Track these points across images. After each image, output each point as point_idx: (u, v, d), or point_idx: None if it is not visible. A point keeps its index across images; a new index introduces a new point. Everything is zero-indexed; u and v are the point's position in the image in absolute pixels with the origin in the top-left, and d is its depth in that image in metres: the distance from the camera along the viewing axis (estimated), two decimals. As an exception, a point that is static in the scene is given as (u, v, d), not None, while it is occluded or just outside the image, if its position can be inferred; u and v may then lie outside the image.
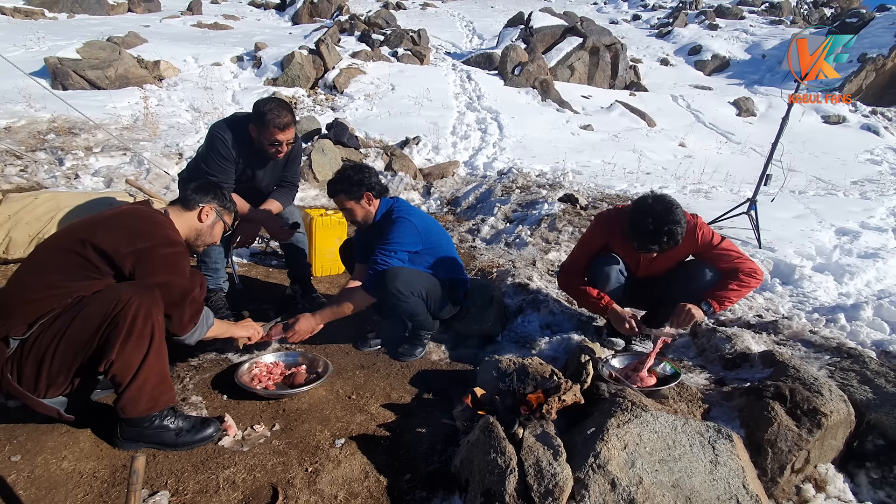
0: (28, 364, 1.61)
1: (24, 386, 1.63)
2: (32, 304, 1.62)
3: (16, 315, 1.61)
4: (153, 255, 1.73)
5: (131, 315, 1.61)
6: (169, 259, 1.76)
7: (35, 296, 1.63)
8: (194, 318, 1.86)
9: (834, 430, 1.86)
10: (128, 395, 1.68)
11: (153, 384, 1.72)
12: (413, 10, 19.70)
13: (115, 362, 1.62)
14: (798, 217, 4.89)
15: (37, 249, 1.80)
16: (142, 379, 1.68)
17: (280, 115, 2.50)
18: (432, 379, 2.42)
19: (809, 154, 9.44)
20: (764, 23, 20.31)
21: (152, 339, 1.67)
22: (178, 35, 11.94)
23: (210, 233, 2.05)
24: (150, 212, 1.87)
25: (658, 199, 2.25)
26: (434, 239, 2.53)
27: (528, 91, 11.03)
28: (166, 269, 1.75)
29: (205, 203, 2.00)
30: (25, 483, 1.62)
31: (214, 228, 2.06)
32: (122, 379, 1.66)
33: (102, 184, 4.73)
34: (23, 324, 1.62)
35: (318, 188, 5.58)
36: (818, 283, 3.34)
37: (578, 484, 1.54)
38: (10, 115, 5.91)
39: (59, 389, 1.69)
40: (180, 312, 1.79)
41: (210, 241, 2.08)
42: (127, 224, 1.76)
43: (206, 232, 2.03)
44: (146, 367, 1.68)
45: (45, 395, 1.67)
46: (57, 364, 1.62)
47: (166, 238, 1.79)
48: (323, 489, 1.70)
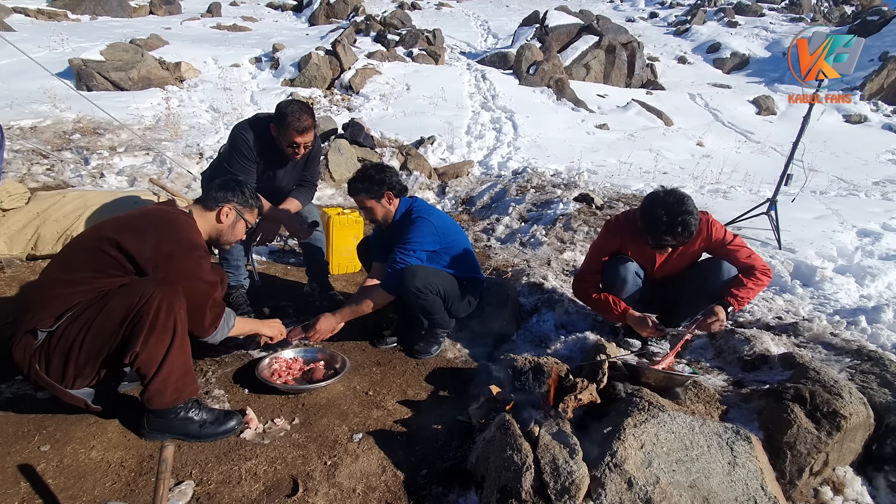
0: (56, 355, 1.67)
1: (52, 376, 1.69)
2: (58, 298, 1.68)
3: (43, 308, 1.68)
4: (174, 258, 1.76)
5: (154, 309, 1.66)
6: (189, 263, 1.79)
7: (61, 290, 1.69)
8: (215, 322, 1.90)
9: (853, 432, 1.83)
10: (153, 387, 1.74)
11: (177, 376, 1.77)
12: (428, 10, 19.75)
13: (139, 354, 1.67)
14: (819, 218, 4.80)
15: (65, 247, 1.87)
16: (166, 371, 1.73)
17: (300, 118, 2.55)
18: (447, 376, 2.45)
19: (830, 154, 9.24)
20: (784, 20, 19.90)
21: (175, 332, 1.72)
22: (199, 37, 12.16)
23: (232, 232, 2.08)
24: (174, 213, 1.90)
25: (669, 192, 2.25)
26: (452, 238, 2.55)
27: (543, 90, 10.99)
28: (187, 273, 1.78)
29: (224, 203, 2.02)
30: (55, 472, 1.68)
31: (236, 227, 2.08)
32: (147, 371, 1.72)
33: (126, 182, 4.85)
34: (50, 316, 1.67)
35: (335, 187, 5.64)
36: (839, 285, 3.28)
37: (595, 482, 1.55)
38: (36, 115, 6.09)
39: (87, 380, 1.75)
40: (201, 316, 1.84)
41: (233, 239, 2.11)
42: (151, 226, 1.79)
43: (228, 231, 2.06)
44: (170, 359, 1.73)
45: (73, 385, 1.73)
46: (84, 355, 1.68)
47: (188, 241, 1.82)
48: (342, 482, 1.73)
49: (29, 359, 1.66)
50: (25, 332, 1.67)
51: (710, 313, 2.27)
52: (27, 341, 1.67)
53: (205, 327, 1.87)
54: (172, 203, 2.04)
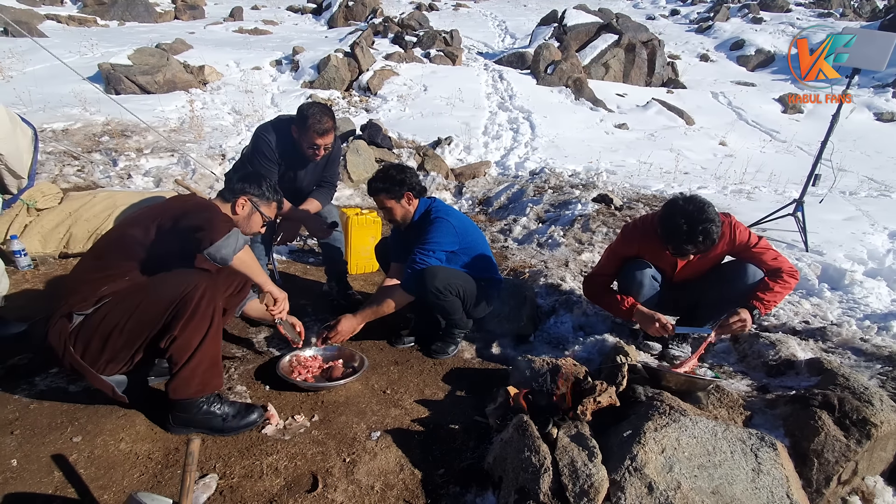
0: (95, 338, 1.73)
1: (87, 360, 1.75)
2: (90, 283, 1.77)
3: (77, 292, 1.75)
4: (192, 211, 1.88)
5: (198, 296, 1.73)
6: (207, 211, 1.88)
7: (91, 276, 1.79)
8: (225, 225, 1.83)
9: (884, 441, 1.78)
10: (182, 374, 1.79)
11: (206, 367, 1.82)
12: (446, 11, 19.77)
13: (177, 338, 1.74)
14: (848, 219, 4.65)
15: (95, 244, 1.99)
16: (197, 360, 1.78)
17: (321, 120, 2.59)
18: (465, 377, 2.45)
19: (861, 153, 8.93)
20: (812, 15, 19.31)
21: (212, 321, 1.79)
22: (221, 41, 12.41)
23: (248, 223, 2.11)
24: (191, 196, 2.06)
25: (689, 199, 2.20)
26: (470, 239, 2.56)
27: (561, 90, 10.89)
28: (203, 213, 1.87)
29: (239, 195, 2.07)
30: (86, 462, 1.75)
31: (251, 219, 2.12)
32: (179, 358, 1.77)
33: (153, 183, 4.99)
34: (84, 300, 1.74)
35: (353, 188, 5.69)
36: (870, 289, 3.18)
37: (614, 486, 1.53)
38: (68, 118, 6.30)
39: (119, 365, 1.81)
40: (209, 220, 1.82)
41: (249, 231, 2.14)
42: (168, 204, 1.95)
43: (244, 223, 2.10)
44: (203, 347, 1.79)
45: (105, 370, 1.79)
46: (123, 339, 1.74)
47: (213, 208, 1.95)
48: (360, 479, 1.75)
49: (64, 341, 1.72)
50: (61, 317, 1.73)
51: (734, 315, 2.22)
52: (62, 325, 1.73)
53: (214, 227, 1.79)
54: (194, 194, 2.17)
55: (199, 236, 1.78)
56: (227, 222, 1.88)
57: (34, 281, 3.06)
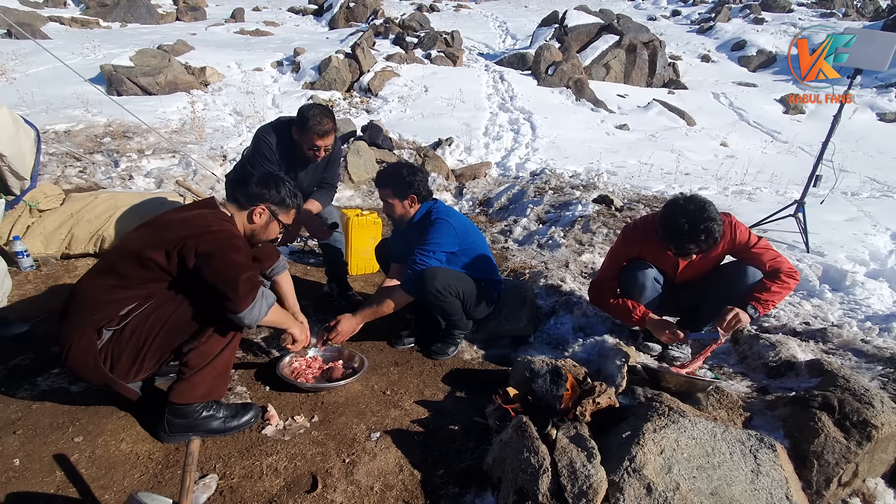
0: (127, 350, 1.73)
1: (117, 373, 1.75)
2: (117, 303, 1.73)
3: (104, 309, 1.72)
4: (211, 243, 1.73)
5: None
6: (227, 246, 1.75)
7: (118, 295, 1.74)
8: (250, 295, 1.72)
9: (885, 443, 1.77)
10: (193, 379, 1.80)
11: (216, 374, 1.84)
12: (447, 12, 19.79)
13: (201, 346, 1.76)
14: (850, 220, 4.64)
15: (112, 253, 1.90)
16: (212, 366, 1.80)
17: (321, 122, 2.60)
18: (464, 378, 2.45)
19: (863, 153, 8.91)
20: (814, 16, 19.27)
21: (236, 333, 1.82)
22: (223, 42, 12.45)
23: (265, 231, 2.03)
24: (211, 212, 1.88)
25: (690, 198, 2.20)
26: (470, 240, 2.56)
27: (562, 91, 10.90)
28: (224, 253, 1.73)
29: (257, 203, 1.97)
30: (87, 462, 1.75)
31: (269, 228, 2.03)
32: (197, 363, 1.78)
33: (154, 184, 5.00)
34: (110, 317, 1.72)
35: (354, 189, 5.71)
36: (871, 290, 3.17)
37: (613, 487, 1.53)
38: (70, 119, 6.32)
39: (146, 373, 1.82)
40: (235, 285, 1.69)
41: (265, 238, 2.06)
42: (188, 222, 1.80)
43: (261, 231, 2.02)
44: (221, 356, 1.81)
45: (133, 379, 1.80)
46: (155, 347, 1.75)
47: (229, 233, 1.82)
48: (360, 480, 1.75)
49: (93, 358, 1.70)
50: (84, 333, 1.69)
51: (727, 312, 2.21)
52: (88, 342, 1.70)
53: (239, 294, 1.69)
54: (212, 200, 2.00)
55: (225, 304, 1.70)
56: (251, 282, 1.75)
57: (36, 282, 3.08)
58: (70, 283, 3.08)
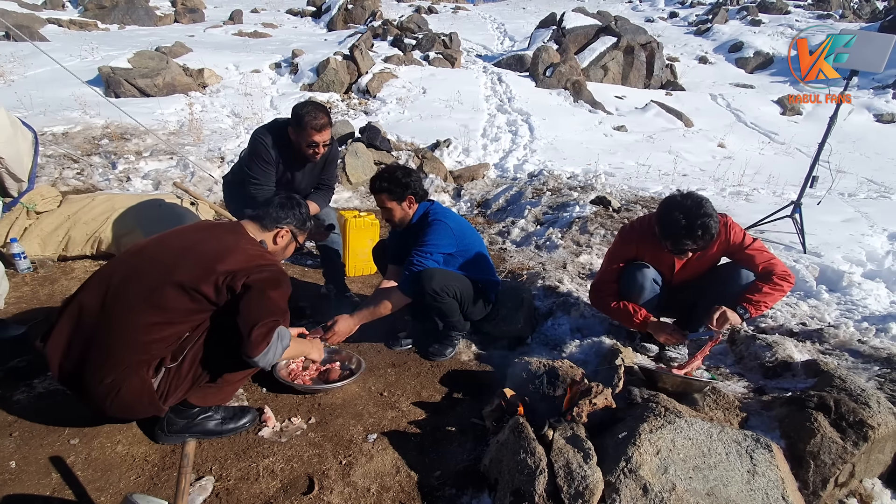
0: (186, 381, 1.70)
1: (170, 402, 1.72)
2: (163, 341, 1.65)
3: (150, 350, 1.64)
4: (259, 283, 1.68)
5: None
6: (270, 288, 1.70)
7: (166, 332, 1.65)
8: (266, 338, 1.68)
9: (882, 443, 1.77)
10: (211, 390, 1.81)
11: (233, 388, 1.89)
12: (445, 14, 19.83)
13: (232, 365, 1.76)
14: (847, 221, 4.65)
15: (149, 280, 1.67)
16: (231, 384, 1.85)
17: (317, 116, 2.60)
18: (462, 379, 2.45)
19: (860, 154, 8.94)
20: (811, 17, 19.36)
21: None
22: (221, 44, 12.45)
23: (283, 252, 2.04)
24: (257, 247, 1.84)
25: (686, 195, 2.21)
26: (468, 241, 2.56)
27: (560, 92, 10.91)
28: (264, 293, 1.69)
29: (282, 226, 1.96)
30: (83, 465, 1.75)
31: (287, 248, 2.05)
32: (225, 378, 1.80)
33: (151, 186, 5.00)
34: (163, 354, 1.66)
35: (352, 190, 5.70)
36: (868, 291, 3.18)
37: (609, 487, 1.53)
38: (68, 121, 6.31)
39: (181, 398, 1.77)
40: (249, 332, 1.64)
41: (282, 258, 2.08)
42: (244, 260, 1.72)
43: (280, 252, 2.02)
44: (242, 373, 1.84)
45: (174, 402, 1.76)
46: (210, 374, 1.75)
47: (277, 273, 1.76)
48: (356, 481, 1.75)
49: (148, 397, 1.65)
50: (134, 376, 1.62)
51: (714, 311, 2.20)
52: (140, 383, 1.63)
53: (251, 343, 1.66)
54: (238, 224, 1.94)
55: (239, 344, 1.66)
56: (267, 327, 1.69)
57: (33, 284, 3.07)
58: (67, 285, 3.07)
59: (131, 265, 1.73)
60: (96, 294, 1.67)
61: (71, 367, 1.64)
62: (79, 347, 1.64)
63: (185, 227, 1.89)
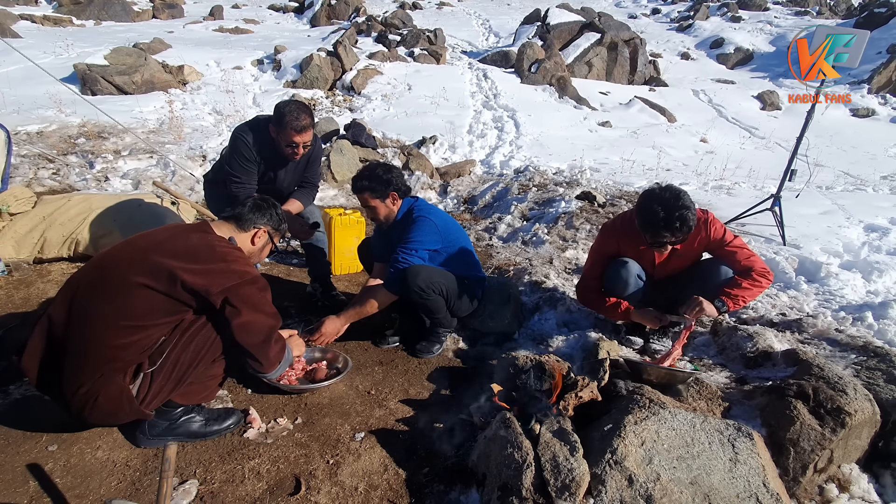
0: (169, 383, 1.68)
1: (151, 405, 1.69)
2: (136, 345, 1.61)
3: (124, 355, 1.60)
4: (239, 294, 1.67)
5: None
6: (254, 297, 1.72)
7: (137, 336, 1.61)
8: (279, 356, 1.81)
9: (858, 429, 1.82)
10: (194, 388, 1.78)
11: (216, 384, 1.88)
12: (429, 10, 19.73)
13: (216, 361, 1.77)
14: (825, 213, 4.76)
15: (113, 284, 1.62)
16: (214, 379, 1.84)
17: (298, 118, 2.56)
18: (449, 376, 2.45)
19: (837, 148, 9.16)
20: (789, 14, 19.73)
21: None
22: (201, 40, 12.21)
23: (259, 254, 2.02)
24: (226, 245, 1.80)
25: (665, 188, 2.24)
26: (453, 237, 2.56)
27: (545, 88, 10.96)
28: (252, 307, 1.70)
29: (259, 226, 1.96)
30: (62, 471, 1.71)
31: (264, 250, 2.03)
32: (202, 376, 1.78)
33: (131, 186, 4.89)
34: (139, 360, 1.63)
35: (337, 188, 5.66)
36: (845, 281, 3.26)
37: (595, 479, 1.55)
38: (42, 120, 6.14)
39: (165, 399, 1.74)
40: (266, 350, 1.75)
41: (258, 261, 2.06)
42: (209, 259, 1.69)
43: (257, 253, 2.00)
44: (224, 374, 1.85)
45: (154, 406, 1.72)
46: (195, 374, 1.73)
47: (249, 275, 1.73)
48: (344, 481, 1.74)
49: (127, 402, 1.63)
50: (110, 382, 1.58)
51: (693, 303, 2.25)
52: (118, 389, 1.60)
53: (270, 360, 1.77)
54: (205, 223, 1.92)
55: (251, 363, 1.76)
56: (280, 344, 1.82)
57: (8, 288, 2.98)
58: (43, 288, 2.99)
59: (96, 270, 1.69)
60: (63, 303, 1.64)
61: (49, 378, 1.64)
62: (53, 359, 1.62)
63: (155, 229, 1.84)
